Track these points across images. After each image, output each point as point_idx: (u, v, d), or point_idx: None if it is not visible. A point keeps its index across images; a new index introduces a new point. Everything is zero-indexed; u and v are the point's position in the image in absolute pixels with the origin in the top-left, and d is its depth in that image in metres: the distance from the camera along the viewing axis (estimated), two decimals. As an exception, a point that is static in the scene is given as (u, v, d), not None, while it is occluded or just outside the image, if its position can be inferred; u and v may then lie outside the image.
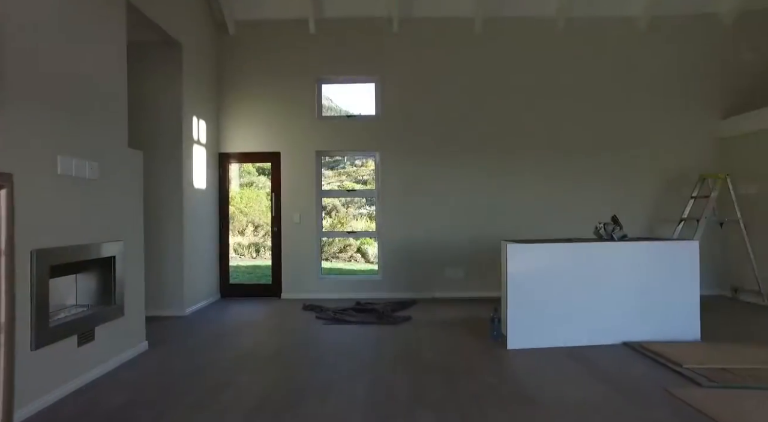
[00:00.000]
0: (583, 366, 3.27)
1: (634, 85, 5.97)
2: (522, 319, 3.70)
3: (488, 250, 5.88)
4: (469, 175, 5.97)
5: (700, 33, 5.97)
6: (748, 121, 5.57)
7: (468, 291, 5.93)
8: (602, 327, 3.78)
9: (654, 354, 3.39)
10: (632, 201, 5.92)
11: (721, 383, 2.84)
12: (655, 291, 3.81)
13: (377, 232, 6.15)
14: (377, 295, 5.96)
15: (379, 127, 6.03)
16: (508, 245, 3.75)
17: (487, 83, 5.98)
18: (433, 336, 4.15)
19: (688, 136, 5.96)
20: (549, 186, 5.96)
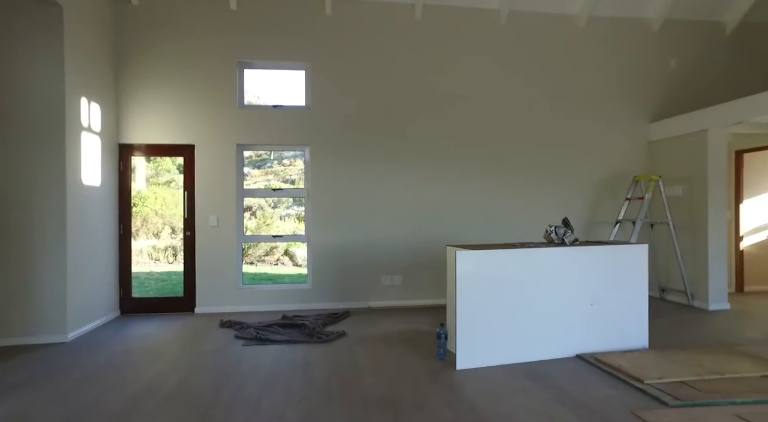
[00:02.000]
0: (544, 388, 2.93)
1: (573, 86, 5.89)
2: (472, 335, 3.32)
3: (428, 256, 5.53)
4: (409, 175, 5.56)
5: (631, 36, 6.03)
6: (672, 126, 5.69)
7: (406, 300, 5.52)
8: (555, 339, 3.51)
9: (611, 368, 3.15)
10: (572, 203, 5.84)
11: (686, 401, 2.62)
12: (606, 298, 3.61)
13: (306, 236, 5.54)
14: (306, 306, 5.36)
15: (309, 120, 5.44)
16: (457, 252, 3.35)
17: (428, 76, 5.60)
18: (373, 355, 3.65)
19: (623, 138, 6.00)
20: (491, 189, 5.71)
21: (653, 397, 2.70)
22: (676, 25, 6.11)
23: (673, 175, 5.61)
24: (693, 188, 5.36)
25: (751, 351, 3.56)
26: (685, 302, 5.39)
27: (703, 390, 2.77)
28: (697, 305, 5.25)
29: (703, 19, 6.17)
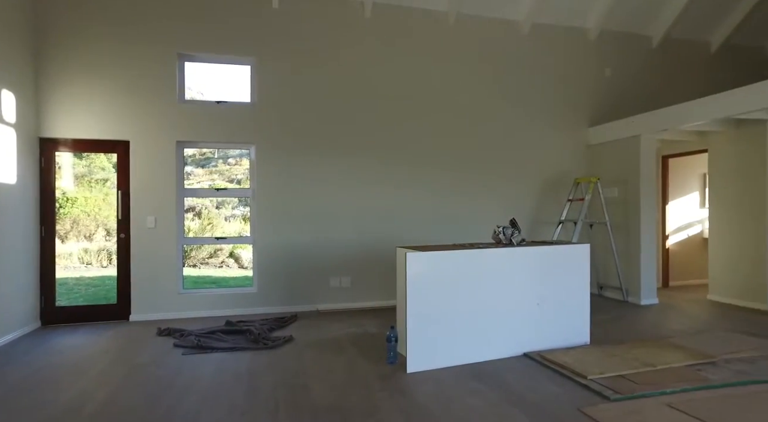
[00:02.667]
0: (493, 389, 2.95)
1: (518, 90, 6.05)
2: (422, 337, 3.30)
3: (378, 257, 5.48)
4: (358, 175, 5.49)
5: (571, 44, 6.30)
6: (608, 131, 6.00)
7: (356, 302, 5.44)
8: (504, 339, 3.56)
9: (557, 365, 3.24)
10: (518, 204, 6.00)
11: (625, 394, 2.73)
12: (551, 297, 3.72)
13: (252, 237, 5.33)
14: (252, 311, 5.15)
15: (255, 117, 5.23)
16: (407, 253, 3.31)
17: (377, 75, 5.56)
18: (321, 361, 3.55)
19: (565, 141, 6.25)
20: (440, 189, 5.75)
21: (596, 392, 2.79)
22: (611, 36, 6.45)
23: (610, 177, 5.92)
24: (627, 190, 5.67)
25: (677, 342, 3.80)
26: (620, 298, 5.70)
27: (639, 382, 2.91)
28: (631, 300, 5.57)
29: (633, 32, 6.56)
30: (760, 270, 5.05)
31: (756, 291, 5.13)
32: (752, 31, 6.90)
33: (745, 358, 3.39)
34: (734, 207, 5.44)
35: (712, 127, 5.39)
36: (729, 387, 2.88)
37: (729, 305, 5.39)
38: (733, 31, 6.74)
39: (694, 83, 6.80)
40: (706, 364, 3.26)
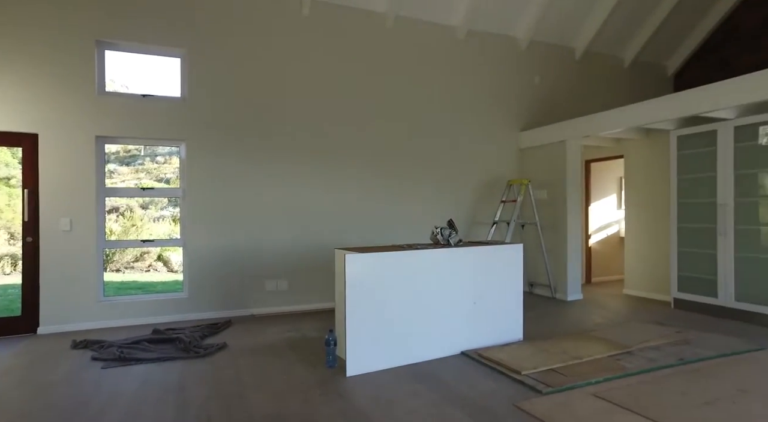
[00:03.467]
0: (432, 389, 2.99)
1: (455, 94, 6.21)
2: (362, 339, 3.27)
3: (316, 259, 5.39)
4: (295, 175, 5.36)
5: (504, 52, 6.57)
6: (537, 136, 6.33)
7: (293, 305, 5.31)
8: (442, 338, 3.62)
9: (493, 362, 3.34)
10: (455, 205, 6.15)
11: (555, 387, 2.87)
12: (487, 295, 3.84)
13: (182, 239, 5.03)
14: (183, 317, 4.87)
15: (186, 113, 4.94)
16: (346, 255, 3.27)
17: (315, 73, 5.46)
18: (257, 368, 3.41)
19: (498, 145, 6.49)
20: (379, 191, 5.76)
21: (530, 387, 2.91)
22: (540, 46, 6.81)
23: (540, 180, 6.23)
24: (555, 192, 6.00)
25: (599, 334, 4.07)
26: (549, 295, 6.02)
27: (567, 374, 3.07)
28: (559, 297, 5.90)
29: (559, 44, 6.97)
30: (665, 266, 5.55)
31: (662, 285, 5.63)
32: (656, 51, 7.61)
33: (655, 346, 3.70)
34: (646, 208, 5.94)
35: (627, 134, 5.86)
36: (643, 373, 3.12)
37: (641, 298, 5.87)
38: (641, 49, 7.39)
39: (612, 94, 7.36)
40: (624, 354, 3.52)
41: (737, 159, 4.64)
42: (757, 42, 6.94)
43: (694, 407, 2.61)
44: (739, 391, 2.82)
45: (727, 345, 3.74)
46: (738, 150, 4.63)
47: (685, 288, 5.12)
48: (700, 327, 4.38)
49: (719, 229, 4.76)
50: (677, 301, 5.20)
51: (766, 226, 4.46)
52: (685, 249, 5.12)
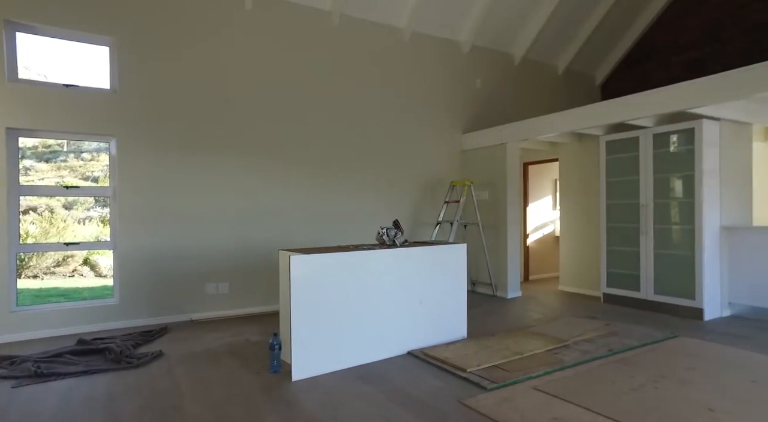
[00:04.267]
0: (380, 390, 2.98)
1: (400, 95, 6.26)
2: (307, 342, 3.20)
3: (259, 260, 5.23)
4: (236, 174, 5.16)
5: (447, 55, 6.72)
6: (479, 138, 6.53)
7: (235, 309, 5.11)
8: (388, 339, 3.62)
9: (439, 361, 3.39)
10: (400, 205, 6.20)
11: (499, 383, 2.95)
12: (432, 295, 3.89)
13: (113, 242, 4.69)
14: (113, 325, 4.54)
15: (116, 106, 4.61)
16: (291, 256, 3.19)
17: (258, 69, 5.29)
18: (196, 376, 3.24)
19: (442, 146, 6.63)
20: (324, 191, 5.68)
21: (474, 384, 2.98)
22: (481, 51, 7.03)
23: (482, 181, 6.43)
24: (496, 193, 6.21)
25: (538, 330, 4.26)
26: (490, 293, 6.22)
27: (510, 370, 3.18)
28: (499, 295, 6.11)
29: (499, 50, 7.24)
30: (596, 263, 5.91)
31: (593, 281, 6.00)
32: (586, 61, 8.12)
33: (588, 339, 3.92)
34: (578, 209, 6.30)
35: (562, 139, 6.19)
36: (578, 365, 3.30)
37: (575, 294, 6.22)
38: (573, 59, 7.86)
39: (548, 100, 7.75)
40: (560, 348, 3.70)
41: (655, 164, 5.03)
42: (669, 59, 7.59)
43: (622, 393, 2.78)
44: (660, 376, 3.06)
45: (648, 334, 4.05)
46: (656, 156, 5.03)
47: (613, 283, 5.48)
48: (626, 319, 4.70)
49: (641, 229, 5.14)
50: (606, 296, 5.56)
51: (677, 225, 4.87)
52: (613, 248, 5.48)
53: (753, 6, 6.63)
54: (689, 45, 7.34)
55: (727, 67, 4.42)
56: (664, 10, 7.58)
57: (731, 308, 4.86)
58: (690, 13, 7.32)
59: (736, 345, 3.80)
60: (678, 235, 4.87)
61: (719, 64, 6.79)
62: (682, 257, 4.83)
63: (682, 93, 4.44)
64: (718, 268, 4.79)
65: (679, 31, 7.46)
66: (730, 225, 4.84)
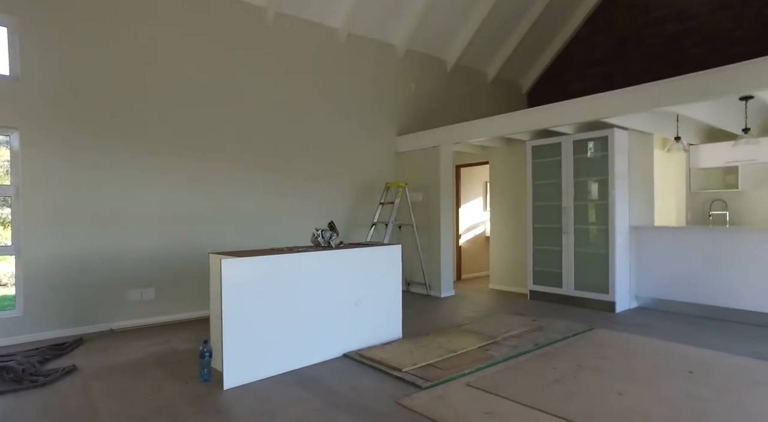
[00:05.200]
0: (316, 394, 2.93)
1: (336, 96, 6.23)
2: (240, 348, 3.09)
3: (188, 263, 4.96)
4: (162, 172, 4.87)
5: (383, 58, 6.79)
6: (413, 141, 6.66)
7: (162, 316, 4.82)
8: (324, 341, 3.58)
9: (375, 362, 3.40)
10: (336, 207, 6.16)
11: (433, 381, 3.02)
12: (368, 296, 3.90)
13: (15, 247, 4.23)
14: (15, 340, 4.10)
15: (19, 96, 4.17)
16: (222, 260, 3.06)
17: (185, 63, 5.03)
18: (116, 392, 3.01)
19: (377, 148, 6.68)
20: (258, 192, 5.51)
21: (410, 383, 3.03)
22: (416, 56, 7.18)
23: (416, 183, 6.56)
24: (430, 194, 6.36)
25: (470, 328, 4.41)
26: (424, 292, 6.36)
27: (444, 368, 3.27)
28: (433, 294, 6.27)
29: (433, 55, 7.44)
30: (523, 262, 6.25)
31: (521, 279, 6.33)
32: (513, 70, 8.57)
33: (516, 335, 4.13)
34: (507, 210, 6.62)
35: (492, 143, 6.47)
36: (507, 360, 3.46)
37: (504, 291, 6.53)
38: (501, 68, 8.26)
39: (479, 105, 8.08)
40: (491, 344, 3.86)
41: (575, 168, 5.42)
42: (585, 71, 8.22)
43: (547, 385, 2.96)
44: (578, 366, 3.29)
45: (569, 328, 4.34)
46: (576, 161, 5.41)
47: (538, 281, 5.82)
48: (550, 314, 5.01)
49: (563, 229, 5.51)
50: (533, 293, 5.89)
51: (594, 226, 5.28)
52: (538, 247, 5.82)
53: (648, 31, 7.38)
54: (601, 60, 7.98)
55: (631, 83, 4.89)
56: (580, 28, 8.19)
57: (638, 300, 5.34)
58: (600, 33, 7.98)
59: (641, 333, 4.18)
60: (594, 235, 5.27)
61: (625, 79, 7.46)
62: (598, 255, 5.23)
63: (596, 104, 4.81)
64: (628, 264, 5.24)
65: (593, 47, 8.09)
66: (637, 225, 5.32)
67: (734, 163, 5.98)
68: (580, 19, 8.06)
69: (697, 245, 4.91)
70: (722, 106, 4.95)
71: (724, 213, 6.26)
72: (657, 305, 5.21)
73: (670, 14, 7.15)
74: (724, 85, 3.95)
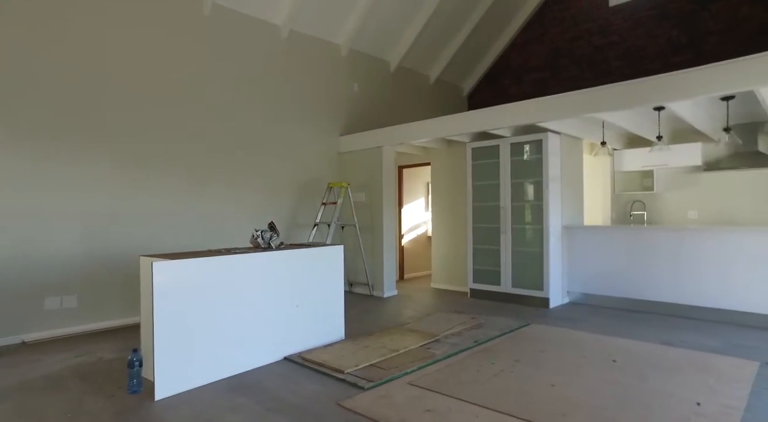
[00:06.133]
0: (255, 400, 2.83)
1: (278, 94, 6.08)
2: (174, 356, 2.93)
3: (116, 267, 4.64)
4: (88, 170, 4.51)
5: (326, 57, 6.72)
6: (356, 141, 6.66)
7: (85, 324, 4.47)
8: (264, 345, 3.48)
9: (316, 364, 3.35)
10: (276, 207, 6.01)
11: (376, 381, 3.02)
12: (310, 297, 3.84)
13: None
14: None
15: None
16: (153, 263, 2.88)
17: (113, 51, 4.70)
18: (28, 410, 2.74)
19: (320, 147, 6.59)
20: (195, 191, 5.25)
21: (352, 384, 3.01)
22: (359, 56, 7.18)
23: (359, 183, 6.55)
24: (372, 194, 6.38)
25: (413, 327, 4.47)
26: (367, 293, 6.36)
27: (387, 368, 3.28)
28: (376, 294, 6.28)
29: (376, 56, 7.47)
30: (464, 261, 6.42)
31: (461, 278, 6.51)
32: (454, 73, 8.80)
33: (456, 333, 4.23)
34: (448, 210, 6.77)
35: (433, 144, 6.60)
36: (448, 358, 3.53)
37: (445, 290, 6.67)
38: (443, 71, 8.46)
39: (421, 107, 8.21)
40: (432, 342, 3.93)
41: (512, 170, 5.64)
42: (522, 77, 8.60)
43: (486, 380, 3.05)
44: (515, 361, 3.43)
45: (507, 324, 4.51)
46: (513, 163, 5.64)
47: (478, 279, 6.00)
48: (489, 311, 5.18)
49: (502, 228, 5.72)
50: (473, 291, 6.06)
51: (529, 225, 5.53)
52: (478, 246, 6.00)
53: (577, 42, 7.86)
54: (537, 67, 8.39)
55: (564, 90, 5.17)
56: (517, 35, 8.56)
57: (569, 296, 5.66)
58: (536, 41, 8.38)
59: (572, 327, 4.43)
60: (530, 234, 5.52)
61: (558, 86, 7.91)
62: (533, 253, 5.48)
63: (531, 108, 5.04)
64: (560, 262, 5.54)
65: (529, 54, 8.49)
66: (569, 225, 5.63)
67: (650, 167, 6.50)
68: (516, 27, 8.42)
69: (619, 243, 5.28)
70: (640, 114, 5.36)
71: (642, 213, 6.79)
72: (586, 300, 5.54)
73: (596, 28, 7.64)
74: (640, 96, 4.27)
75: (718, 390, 2.84)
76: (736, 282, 4.53)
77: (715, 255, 4.66)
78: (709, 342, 3.87)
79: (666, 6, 6.93)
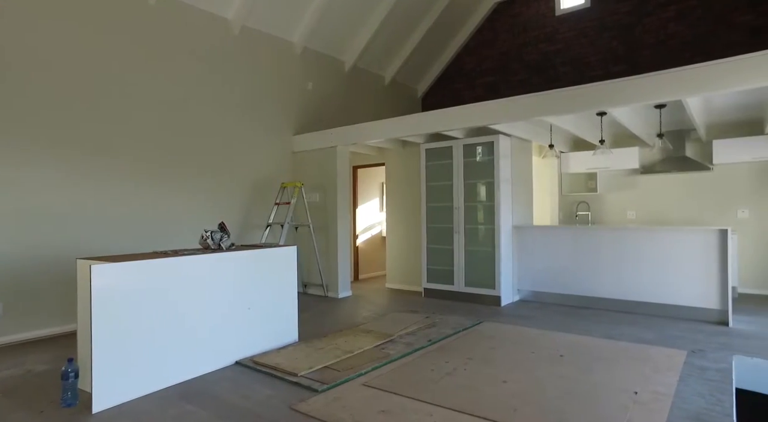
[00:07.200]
0: (203, 407, 2.71)
1: (229, 91, 5.88)
2: (114, 365, 2.75)
3: (50, 272, 4.32)
4: (15, 171, 4.17)
5: (279, 54, 6.58)
6: (310, 140, 6.56)
7: (12, 334, 4.12)
8: (214, 350, 3.35)
9: (269, 368, 3.26)
10: (227, 207, 5.81)
11: (330, 384, 2.98)
12: (262, 300, 3.74)
13: None
14: None
15: None
16: (92, 266, 2.70)
17: (52, 44, 4.37)
18: (-53, 428, 2.49)
19: (273, 147, 6.44)
20: (140, 191, 4.98)
21: (306, 387, 2.95)
22: (313, 54, 7.08)
23: (313, 183, 6.46)
24: (327, 195, 6.31)
25: (367, 327, 4.45)
26: (322, 294, 6.28)
27: (341, 369, 3.24)
28: (331, 295, 6.22)
29: (331, 55, 7.41)
30: (418, 261, 6.48)
31: (415, 278, 6.56)
32: (408, 75, 8.89)
33: (411, 332, 4.26)
34: (402, 211, 6.81)
35: (388, 144, 6.62)
36: (403, 357, 3.54)
37: (400, 290, 6.71)
38: (397, 72, 8.52)
39: (376, 107, 8.22)
40: (387, 342, 3.93)
41: (465, 171, 5.76)
42: (474, 80, 8.81)
43: (440, 378, 3.08)
44: (468, 359, 3.48)
45: (460, 323, 4.59)
46: (466, 164, 5.76)
47: (432, 278, 6.07)
48: (443, 310, 5.25)
49: (455, 228, 5.82)
50: (427, 290, 6.13)
51: (482, 225, 5.66)
52: (432, 246, 6.07)
53: (526, 48, 8.15)
54: (488, 71, 8.62)
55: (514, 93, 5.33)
56: (469, 39, 8.76)
57: (519, 294, 5.84)
58: (487, 46, 8.61)
59: (522, 324, 4.57)
60: (482, 234, 5.65)
61: (509, 90, 8.16)
62: (485, 253, 5.61)
63: (483, 111, 5.16)
64: (511, 261, 5.71)
65: (481, 58, 8.70)
66: (519, 225, 5.82)
67: (593, 169, 6.84)
68: (469, 32, 8.61)
69: (565, 242, 5.51)
70: (584, 118, 5.62)
71: (587, 213, 7.12)
72: (535, 297, 5.74)
73: (543, 35, 7.95)
74: (584, 101, 4.48)
75: (652, 379, 3.02)
76: (668, 278, 4.84)
77: (650, 253, 4.96)
78: (646, 335, 4.11)
79: (606, 18, 7.32)
